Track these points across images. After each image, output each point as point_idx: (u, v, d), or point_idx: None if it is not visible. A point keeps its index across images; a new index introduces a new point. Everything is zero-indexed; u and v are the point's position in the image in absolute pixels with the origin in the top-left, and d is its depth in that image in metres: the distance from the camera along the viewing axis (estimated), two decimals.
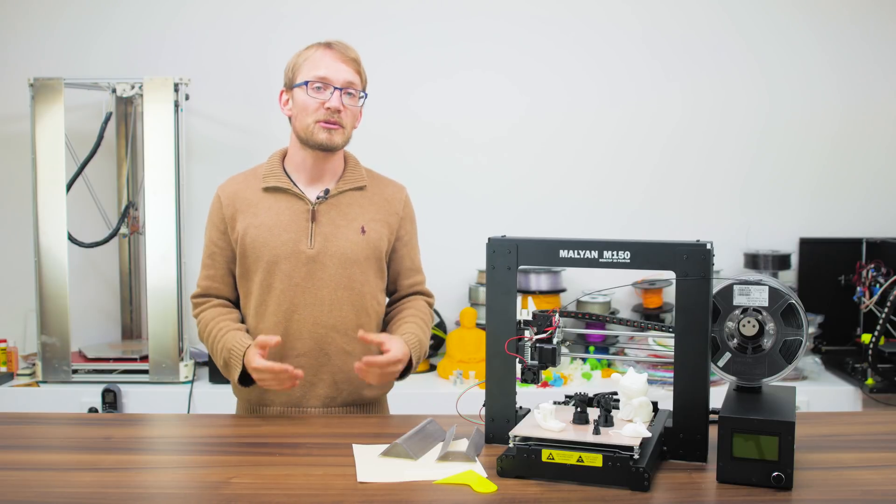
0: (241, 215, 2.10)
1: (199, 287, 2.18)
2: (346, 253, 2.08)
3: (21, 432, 1.93)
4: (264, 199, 2.10)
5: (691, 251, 1.63)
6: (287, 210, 2.09)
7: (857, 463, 1.66)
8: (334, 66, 2.05)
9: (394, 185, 2.23)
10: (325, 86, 2.04)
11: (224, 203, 2.12)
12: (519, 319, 1.74)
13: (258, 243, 2.07)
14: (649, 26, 3.68)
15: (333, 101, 2.04)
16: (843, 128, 3.72)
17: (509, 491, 1.52)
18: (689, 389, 1.65)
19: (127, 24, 3.60)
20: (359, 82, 2.10)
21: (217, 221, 2.14)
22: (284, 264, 2.06)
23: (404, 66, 3.64)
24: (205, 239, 2.17)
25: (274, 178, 2.11)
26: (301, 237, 2.07)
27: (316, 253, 2.07)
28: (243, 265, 2.11)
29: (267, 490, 1.54)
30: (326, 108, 2.04)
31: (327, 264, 2.07)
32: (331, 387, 2.11)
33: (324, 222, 2.09)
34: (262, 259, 2.07)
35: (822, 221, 3.70)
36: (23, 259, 3.42)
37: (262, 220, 2.08)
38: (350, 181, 2.14)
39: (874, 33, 3.69)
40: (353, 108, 2.09)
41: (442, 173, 3.67)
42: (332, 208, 2.10)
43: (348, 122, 2.08)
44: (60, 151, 3.17)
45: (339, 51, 2.07)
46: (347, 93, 2.07)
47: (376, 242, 2.12)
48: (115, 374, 3.24)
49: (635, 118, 3.70)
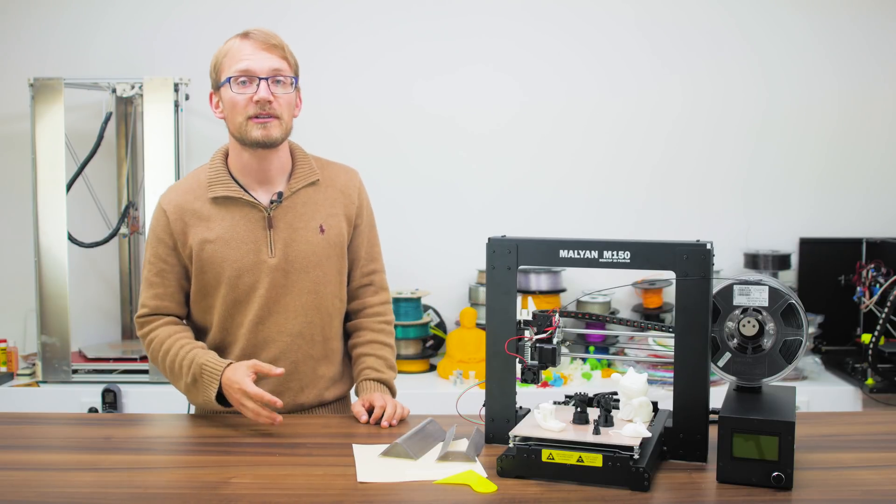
0: (191, 230, 1.98)
1: (147, 307, 2.04)
2: (307, 257, 2.01)
3: (21, 432, 1.93)
4: (215, 211, 1.98)
5: (691, 251, 1.63)
6: (242, 220, 1.98)
7: (857, 463, 1.66)
8: (256, 56, 1.92)
9: (346, 172, 2.12)
10: (249, 79, 1.92)
11: (171, 218, 1.99)
12: (519, 319, 1.74)
13: (217, 258, 1.97)
14: (648, 23, 3.67)
15: (261, 92, 1.91)
16: (843, 128, 3.71)
17: (509, 491, 1.52)
18: (689, 389, 1.65)
19: (127, 24, 3.60)
20: (287, 68, 1.96)
21: (164, 237, 2.00)
22: (247, 277, 1.98)
23: (403, 63, 3.64)
24: (148, 255, 2.04)
25: (222, 186, 1.99)
26: (260, 246, 1.98)
27: (277, 261, 1.99)
28: (201, 281, 2.00)
29: (266, 490, 1.54)
30: (255, 102, 1.91)
31: (289, 271, 2.00)
32: (297, 393, 2.07)
33: (281, 227, 2.00)
34: (223, 274, 1.98)
35: (822, 221, 3.70)
36: (23, 259, 3.42)
37: (218, 234, 1.97)
38: (301, 178, 2.03)
39: (874, 32, 3.68)
40: (286, 95, 1.95)
41: (442, 174, 3.67)
42: (288, 211, 2.01)
43: (284, 111, 1.95)
44: (60, 151, 3.17)
45: (258, 39, 1.94)
46: (276, 81, 1.93)
47: (336, 239, 2.05)
48: (115, 374, 3.24)
49: (634, 118, 3.70)
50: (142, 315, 2.06)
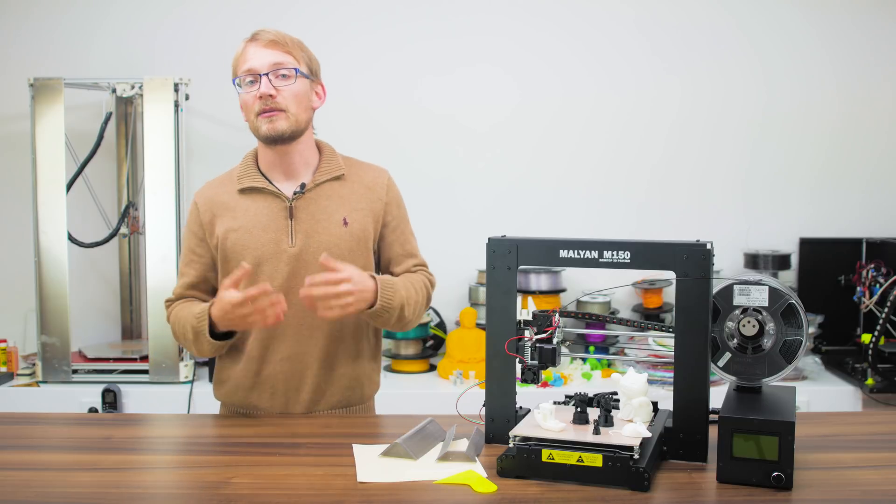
0: (218, 220, 2.06)
1: (175, 294, 2.13)
2: (328, 248, 2.01)
3: (21, 432, 1.93)
4: (241, 201, 2.05)
5: (691, 251, 1.63)
6: (265, 209, 2.04)
7: (857, 463, 1.66)
8: (257, 55, 1.99)
9: (374, 170, 2.15)
10: (255, 77, 1.98)
11: (201, 209, 2.08)
12: (519, 319, 1.74)
13: (238, 246, 2.02)
14: (647, 23, 3.68)
15: (262, 87, 1.96)
16: (844, 128, 3.71)
17: (509, 491, 1.52)
18: (689, 389, 1.65)
19: (127, 24, 3.60)
20: (290, 61, 2.00)
21: (195, 229, 2.09)
22: (267, 265, 2.02)
23: (403, 61, 3.65)
24: (182, 247, 2.14)
25: (249, 178, 2.06)
26: (281, 236, 2.02)
27: (298, 251, 2.02)
28: (225, 269, 2.05)
29: (267, 490, 1.53)
30: (259, 98, 1.97)
31: (309, 262, 2.01)
32: (315, 391, 2.07)
33: (303, 218, 2.03)
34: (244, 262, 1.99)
35: (822, 221, 3.70)
36: (23, 259, 3.42)
37: (241, 223, 2.03)
38: (326, 171, 2.07)
39: (875, 32, 3.68)
40: (290, 87, 1.99)
41: (441, 174, 3.67)
42: (311, 203, 2.05)
43: (290, 103, 1.99)
44: (60, 151, 3.17)
45: (260, 38, 2.01)
46: (280, 75, 1.98)
47: (360, 233, 2.06)
48: (115, 374, 3.24)
49: (633, 116, 3.70)
50: (170, 299, 2.14)
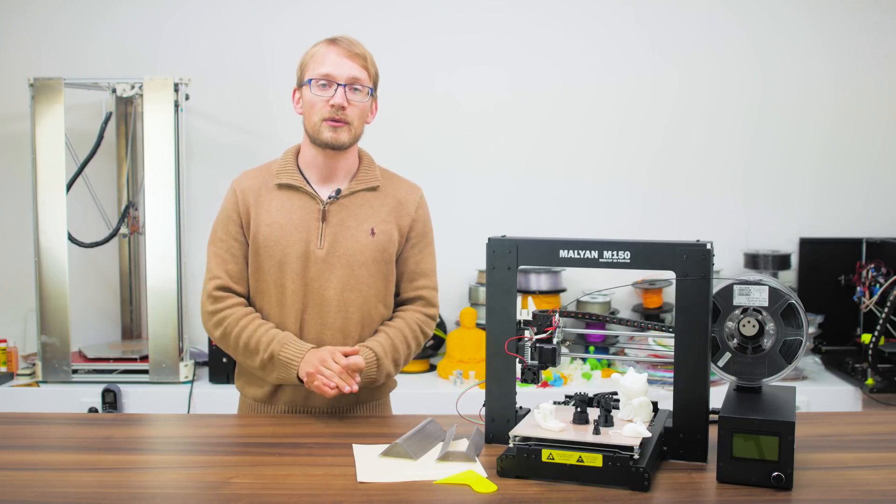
0: (254, 211, 2.09)
1: (219, 278, 2.09)
2: (353, 254, 2.06)
3: (21, 432, 1.93)
4: (277, 196, 2.09)
5: (691, 251, 1.63)
6: (299, 208, 2.08)
7: (857, 463, 1.66)
8: (338, 63, 2.03)
9: (409, 186, 2.20)
10: (329, 83, 2.02)
11: (239, 197, 2.10)
12: (519, 319, 1.74)
13: (270, 241, 2.06)
14: (648, 19, 3.68)
15: (337, 97, 2.01)
16: (844, 128, 3.71)
17: (509, 491, 1.52)
18: (689, 389, 1.65)
19: (127, 24, 3.60)
20: (365, 77, 2.06)
21: (233, 215, 2.11)
22: (295, 264, 2.05)
23: (402, 58, 3.63)
24: (219, 233, 2.12)
25: (287, 175, 2.10)
26: (311, 237, 2.06)
27: (325, 253, 2.05)
28: (255, 262, 2.09)
29: (267, 490, 1.54)
30: (331, 106, 2.02)
31: (335, 265, 2.06)
32: None
33: (334, 223, 2.07)
34: (273, 258, 2.06)
35: (822, 221, 3.70)
36: (23, 259, 3.42)
37: (275, 218, 2.07)
38: (363, 181, 2.12)
39: (875, 31, 3.68)
40: (361, 103, 2.06)
41: (441, 174, 3.67)
42: (343, 209, 2.09)
43: (355, 118, 2.05)
44: (60, 151, 3.17)
45: (343, 47, 2.04)
46: (354, 89, 2.04)
47: (386, 244, 2.10)
48: (115, 374, 3.24)
49: (632, 116, 3.70)
50: (218, 287, 2.09)
